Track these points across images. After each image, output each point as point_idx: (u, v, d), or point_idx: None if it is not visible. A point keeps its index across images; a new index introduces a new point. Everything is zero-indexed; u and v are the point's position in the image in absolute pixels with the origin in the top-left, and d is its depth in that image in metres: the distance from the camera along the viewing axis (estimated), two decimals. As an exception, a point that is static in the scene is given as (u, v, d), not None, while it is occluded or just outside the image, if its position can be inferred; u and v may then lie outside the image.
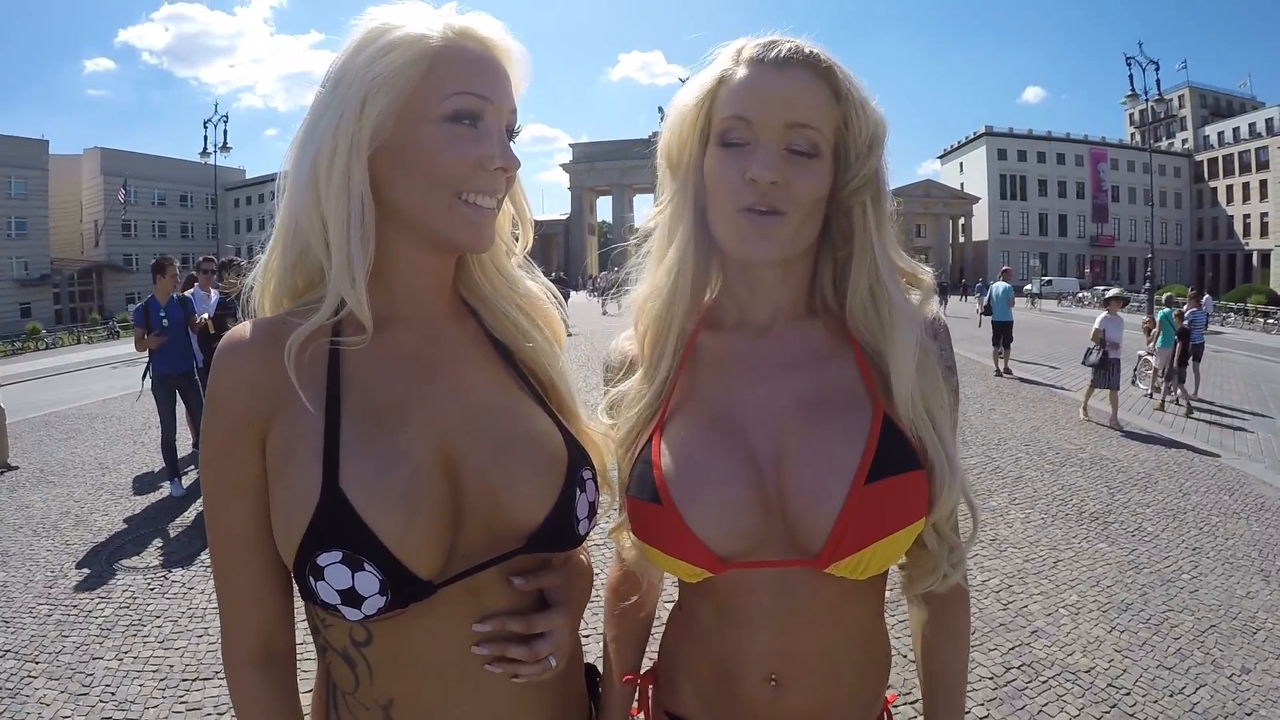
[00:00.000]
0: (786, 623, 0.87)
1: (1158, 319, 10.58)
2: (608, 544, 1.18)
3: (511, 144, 0.87)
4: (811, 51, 0.86)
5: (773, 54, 0.86)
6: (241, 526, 0.82)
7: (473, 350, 0.93)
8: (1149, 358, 8.64)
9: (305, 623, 0.88)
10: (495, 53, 0.86)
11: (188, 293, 7.05)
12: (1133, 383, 9.11)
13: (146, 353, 6.45)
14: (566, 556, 0.93)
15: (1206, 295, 18.17)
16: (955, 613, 0.99)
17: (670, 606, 1.04)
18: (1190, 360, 10.79)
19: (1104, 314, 9.31)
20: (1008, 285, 13.18)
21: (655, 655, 1.08)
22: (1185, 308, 11.26)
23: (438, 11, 0.85)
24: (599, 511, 0.92)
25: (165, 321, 6.39)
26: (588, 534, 0.89)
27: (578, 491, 0.86)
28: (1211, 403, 10.63)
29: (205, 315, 6.79)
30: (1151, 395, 10.63)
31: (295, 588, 0.83)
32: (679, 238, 0.94)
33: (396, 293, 0.89)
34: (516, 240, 1.00)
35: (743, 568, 0.85)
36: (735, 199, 0.86)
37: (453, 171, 0.82)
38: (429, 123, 0.81)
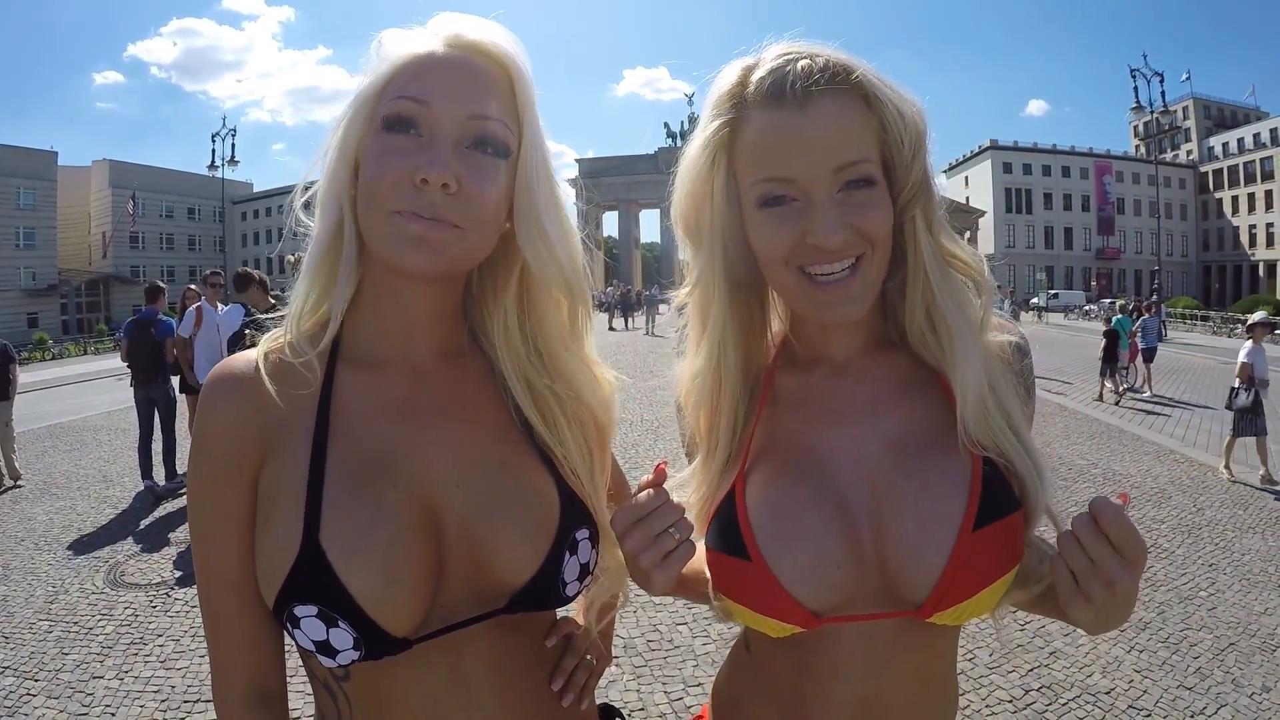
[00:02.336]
0: (871, 673, 0.82)
1: (1113, 323, 12.03)
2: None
3: (486, 154, 0.77)
4: (828, 64, 0.75)
5: (789, 87, 0.73)
6: (236, 570, 0.78)
7: (472, 394, 0.87)
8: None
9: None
10: (459, 52, 0.78)
11: (196, 305, 7.01)
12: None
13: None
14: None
15: (1163, 305, 20.13)
16: None
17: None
18: (1142, 361, 12.67)
19: (1248, 344, 7.49)
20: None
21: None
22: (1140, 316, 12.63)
23: (430, 22, 0.81)
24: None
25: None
26: (579, 594, 0.85)
27: (567, 554, 0.82)
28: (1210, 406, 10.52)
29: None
30: (1119, 393, 11.53)
31: None
32: (714, 316, 0.85)
33: (386, 326, 0.84)
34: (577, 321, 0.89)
35: (836, 622, 0.80)
36: (793, 261, 0.77)
37: (383, 188, 0.74)
38: (372, 134, 0.77)
